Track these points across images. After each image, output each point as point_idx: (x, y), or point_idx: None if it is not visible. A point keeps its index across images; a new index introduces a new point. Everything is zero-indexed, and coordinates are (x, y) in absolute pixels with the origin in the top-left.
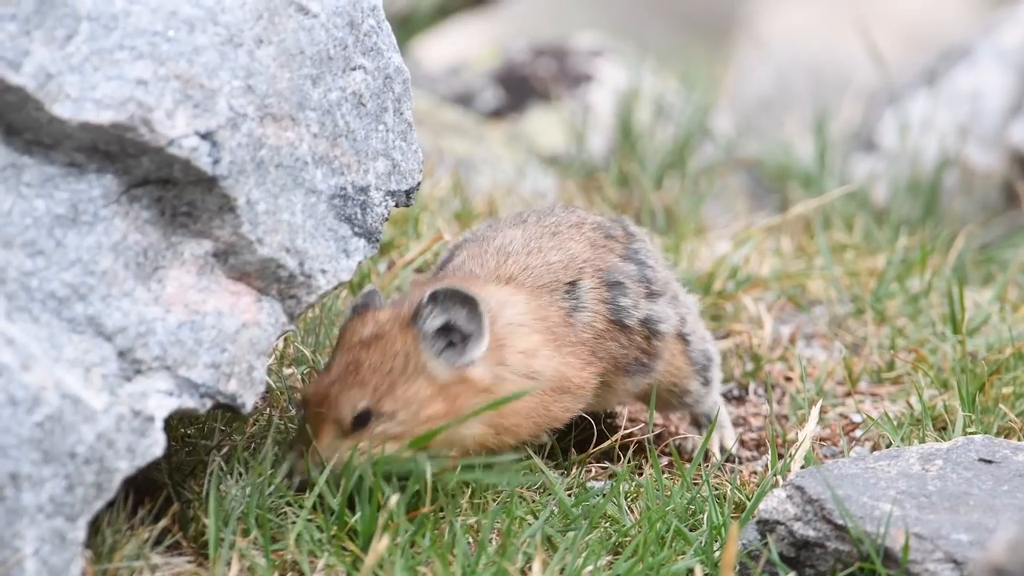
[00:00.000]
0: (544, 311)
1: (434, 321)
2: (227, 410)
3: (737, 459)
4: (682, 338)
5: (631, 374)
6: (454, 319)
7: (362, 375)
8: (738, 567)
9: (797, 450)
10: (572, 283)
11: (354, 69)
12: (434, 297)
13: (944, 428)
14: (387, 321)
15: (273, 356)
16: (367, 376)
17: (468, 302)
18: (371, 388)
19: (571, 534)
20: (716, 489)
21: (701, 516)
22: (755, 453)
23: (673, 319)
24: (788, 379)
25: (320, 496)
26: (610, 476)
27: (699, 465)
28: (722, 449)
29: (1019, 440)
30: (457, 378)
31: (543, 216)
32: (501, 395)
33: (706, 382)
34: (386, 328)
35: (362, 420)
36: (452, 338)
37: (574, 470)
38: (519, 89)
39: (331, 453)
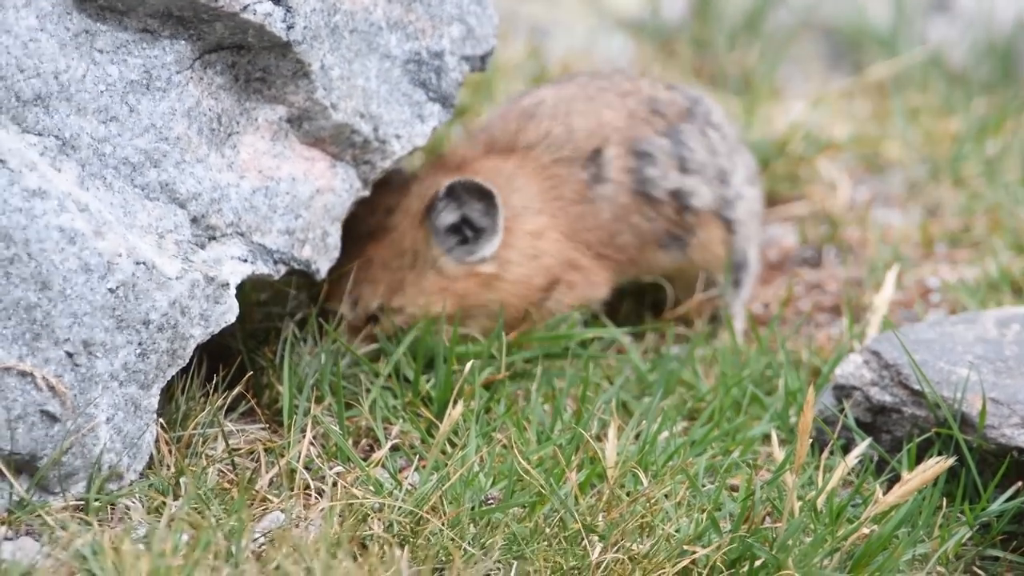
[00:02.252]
0: (557, 189)
1: (448, 216)
2: (301, 276)
3: (813, 324)
4: (725, 222)
5: (664, 247)
6: (469, 213)
7: (374, 272)
8: (814, 432)
9: (873, 315)
10: (596, 151)
11: None
12: (451, 191)
13: (1020, 292)
14: (399, 211)
15: None
16: (379, 274)
17: (485, 195)
18: (383, 287)
19: (647, 400)
20: (792, 354)
21: (777, 381)
22: (831, 317)
23: (707, 196)
24: (864, 243)
25: (395, 364)
26: (686, 341)
27: (775, 330)
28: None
29: None
30: (467, 273)
31: (595, 78)
32: (508, 279)
33: (737, 282)
34: (398, 220)
35: (374, 318)
36: (464, 231)
37: (649, 335)
38: None
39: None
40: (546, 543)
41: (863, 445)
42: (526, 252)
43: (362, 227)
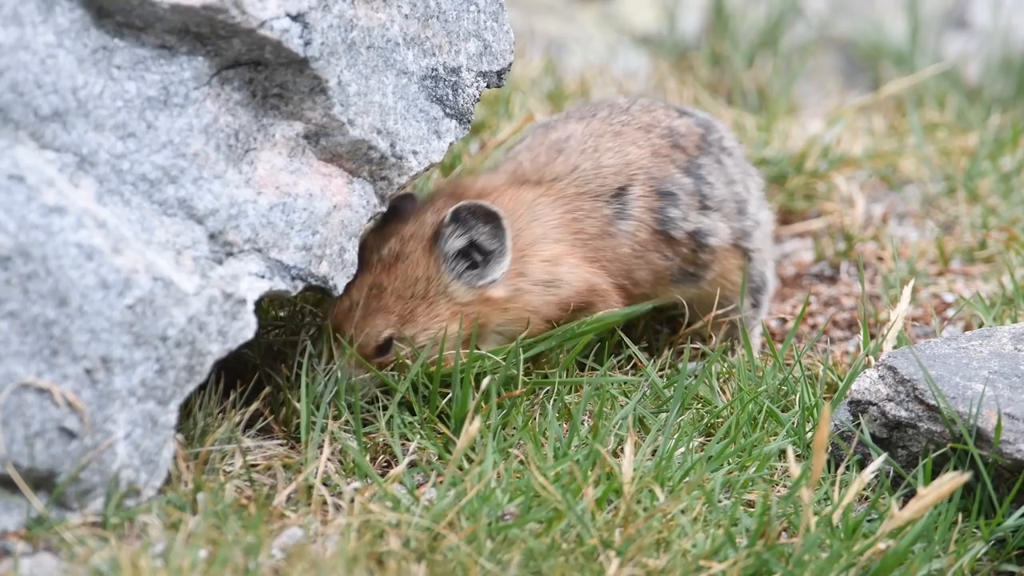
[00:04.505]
0: (579, 222)
1: (456, 242)
2: (318, 292)
3: (829, 340)
4: (743, 251)
5: (676, 283)
6: (476, 237)
7: (385, 301)
8: (830, 448)
9: (889, 330)
10: (622, 188)
11: None
12: (456, 215)
13: None
14: (410, 239)
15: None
16: (390, 303)
17: (491, 218)
18: (395, 316)
19: (663, 416)
20: (808, 370)
21: (793, 397)
22: (847, 333)
23: (725, 232)
24: (880, 259)
25: (412, 380)
26: (702, 357)
27: (791, 346)
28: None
29: None
30: (478, 298)
31: (616, 112)
32: (520, 303)
33: (756, 303)
34: (408, 248)
35: (385, 347)
36: (473, 256)
37: (666, 351)
38: None
39: (353, 373)
40: (563, 559)
41: (879, 460)
42: (541, 278)
43: (375, 255)
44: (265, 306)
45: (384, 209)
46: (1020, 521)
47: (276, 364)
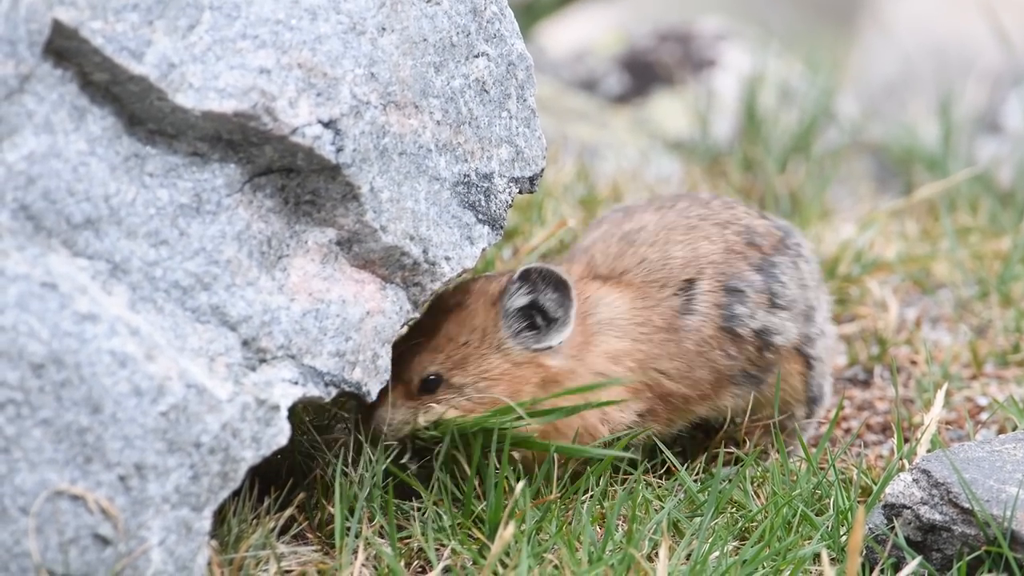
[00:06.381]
0: (647, 312)
1: (519, 299)
2: (352, 398)
3: (863, 443)
4: (805, 358)
5: (738, 384)
6: (542, 301)
7: (437, 341)
8: (865, 551)
9: (923, 434)
10: (689, 281)
11: (477, 56)
12: (526, 275)
13: None
14: (476, 292)
15: None
16: (442, 343)
17: (561, 286)
18: (443, 356)
19: (697, 520)
20: (842, 474)
21: (827, 501)
22: (881, 437)
23: (792, 332)
24: (914, 363)
25: (445, 484)
26: (736, 461)
27: (824, 450)
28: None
29: None
30: (531, 361)
31: (695, 204)
32: (567, 386)
33: (810, 413)
34: (471, 299)
35: (430, 386)
36: (536, 320)
37: (700, 455)
38: (643, 74)
39: (393, 412)
40: None
41: (913, 563)
42: (596, 369)
43: (436, 304)
44: (298, 411)
45: (417, 315)
46: None
47: (310, 469)
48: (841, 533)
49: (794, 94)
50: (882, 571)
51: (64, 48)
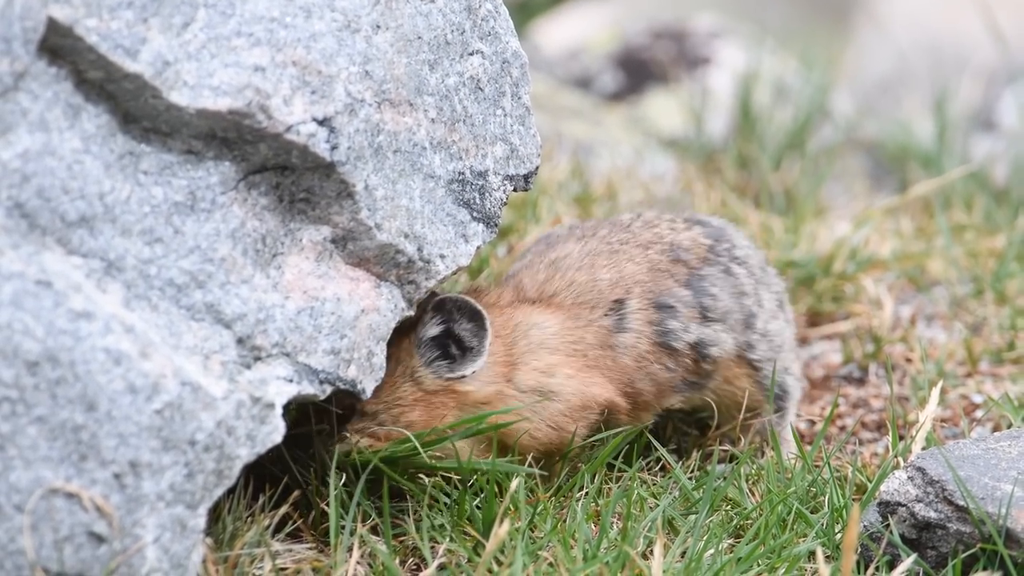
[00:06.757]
0: (579, 332)
1: (433, 329)
2: (346, 396)
3: (858, 441)
4: (749, 363)
5: (679, 391)
6: (457, 330)
7: None
8: (859, 549)
9: (918, 431)
10: (618, 301)
11: (472, 54)
12: (440, 305)
13: None
14: (404, 323)
15: None
16: None
17: (476, 316)
18: None
19: (692, 517)
20: (837, 471)
21: (822, 498)
22: (876, 435)
23: (729, 344)
24: (908, 360)
25: (441, 481)
26: (731, 459)
27: (819, 448)
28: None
29: None
30: (444, 388)
31: (616, 230)
32: (499, 406)
33: (780, 410)
34: (397, 329)
35: (346, 417)
36: (452, 348)
37: (695, 453)
38: (638, 72)
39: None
40: None
41: (908, 561)
42: (530, 386)
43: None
44: (292, 409)
45: (411, 312)
46: None
47: (305, 464)
48: (836, 531)
49: (789, 91)
50: (877, 569)
51: (59, 46)
